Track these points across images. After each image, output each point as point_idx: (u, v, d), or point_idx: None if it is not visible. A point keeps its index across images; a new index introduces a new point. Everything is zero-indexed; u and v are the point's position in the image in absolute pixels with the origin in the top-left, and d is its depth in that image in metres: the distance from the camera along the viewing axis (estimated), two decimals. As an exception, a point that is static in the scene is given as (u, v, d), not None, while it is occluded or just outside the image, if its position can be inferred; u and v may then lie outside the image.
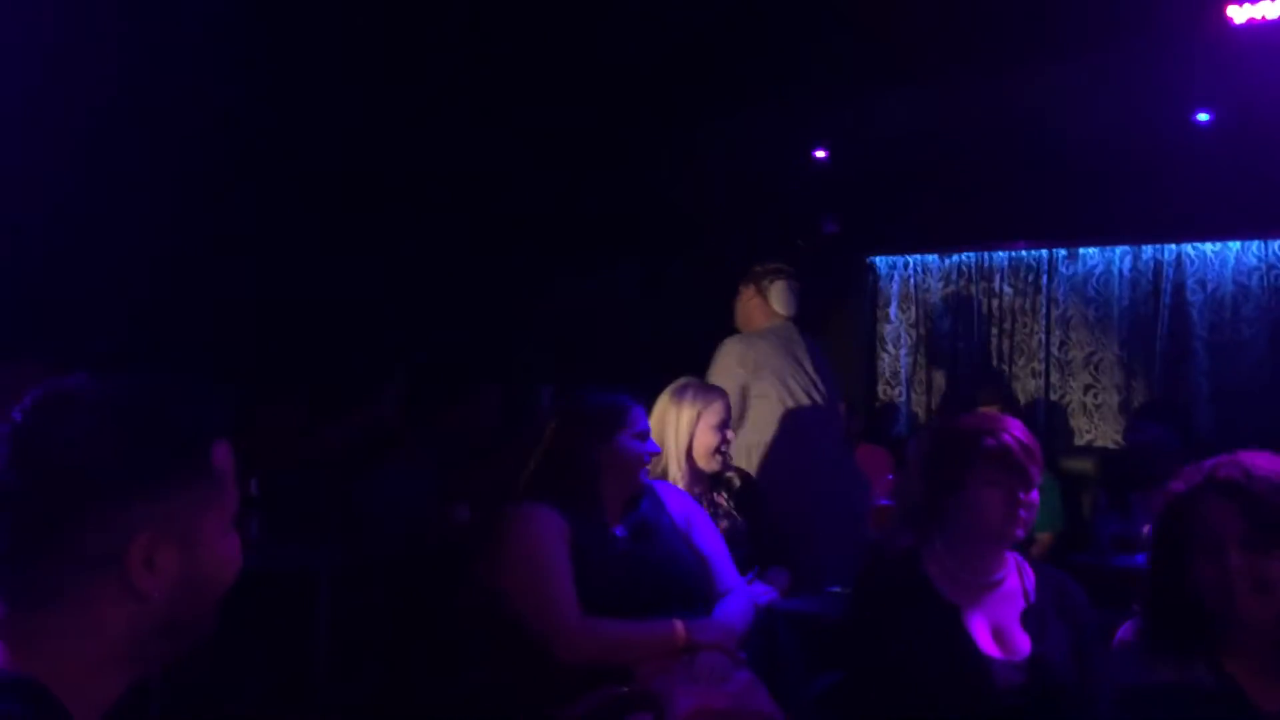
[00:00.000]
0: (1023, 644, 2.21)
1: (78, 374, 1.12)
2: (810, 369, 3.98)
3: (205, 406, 1.15)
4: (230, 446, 1.16)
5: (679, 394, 3.38)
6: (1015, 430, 2.24)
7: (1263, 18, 3.38)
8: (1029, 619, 2.23)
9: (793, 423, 3.87)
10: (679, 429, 3.29)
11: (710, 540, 2.84)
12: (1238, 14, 3.45)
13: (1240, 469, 1.86)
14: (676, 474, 3.23)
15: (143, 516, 1.06)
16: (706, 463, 3.31)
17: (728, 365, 3.94)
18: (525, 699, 2.62)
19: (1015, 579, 2.30)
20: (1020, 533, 2.24)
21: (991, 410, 3.92)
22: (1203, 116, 4.65)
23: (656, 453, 2.86)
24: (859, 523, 4.06)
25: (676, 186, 5.94)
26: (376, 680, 3.96)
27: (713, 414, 3.31)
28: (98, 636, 1.06)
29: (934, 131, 5.40)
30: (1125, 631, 2.00)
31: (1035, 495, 2.23)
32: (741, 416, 3.86)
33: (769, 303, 4.11)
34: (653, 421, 3.39)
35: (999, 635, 2.22)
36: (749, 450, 3.90)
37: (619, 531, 2.71)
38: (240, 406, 4.16)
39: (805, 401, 3.93)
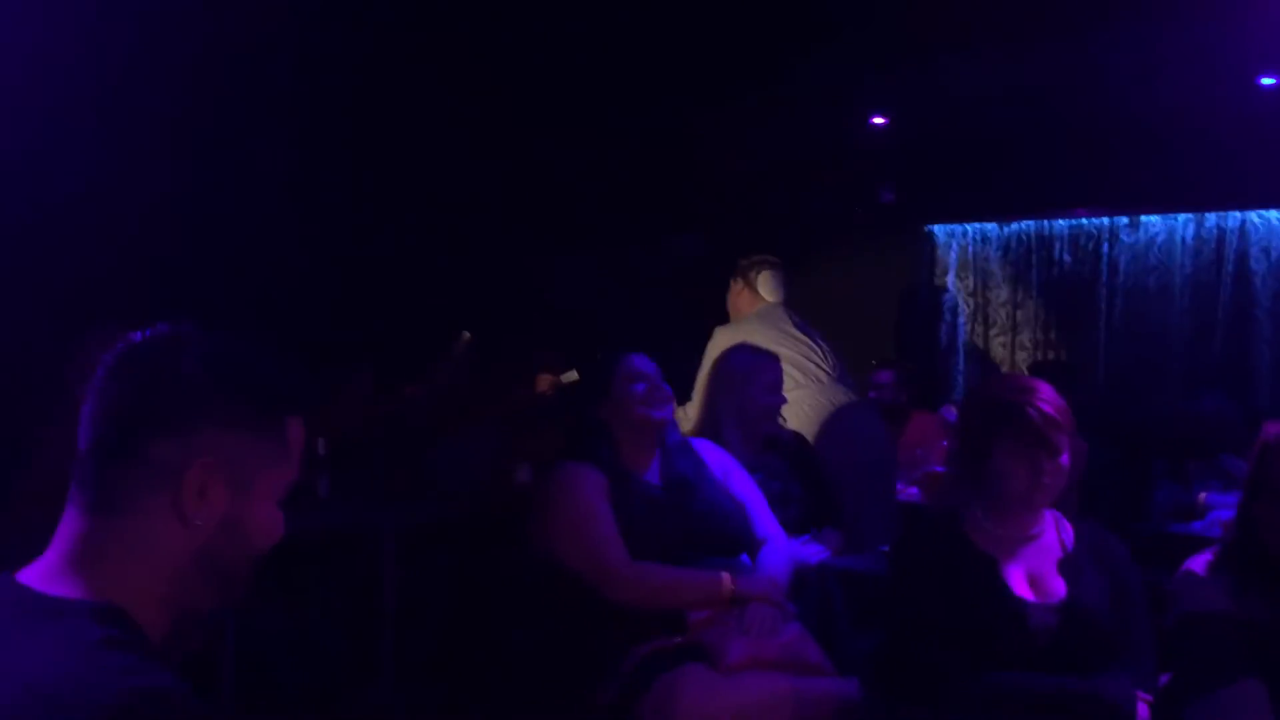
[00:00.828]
0: (1058, 589, 2.28)
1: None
2: (800, 336, 4.04)
3: (291, 380, 1.25)
4: (303, 427, 1.25)
5: (730, 356, 3.46)
6: (1040, 400, 2.28)
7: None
8: (1065, 566, 2.30)
9: (793, 388, 3.89)
10: (731, 390, 3.37)
11: (747, 490, 2.95)
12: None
13: None
14: (730, 435, 3.30)
15: (208, 444, 1.16)
16: (759, 424, 3.38)
17: (712, 356, 3.93)
18: (584, 650, 2.74)
19: (1053, 533, 2.37)
20: (1047, 499, 2.30)
21: None
22: (1267, 81, 4.60)
23: (666, 393, 2.89)
24: (887, 478, 4.11)
25: (736, 157, 5.98)
26: (442, 636, 4.11)
27: (764, 375, 3.38)
28: (148, 556, 1.15)
29: (994, 99, 5.38)
30: (1192, 563, 2.07)
31: (1064, 460, 2.28)
32: None
33: (757, 292, 4.24)
34: (706, 384, 3.49)
35: (1035, 582, 2.29)
36: None
37: (654, 481, 2.82)
38: (313, 371, 4.31)
39: (804, 365, 3.98)
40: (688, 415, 3.70)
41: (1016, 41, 4.87)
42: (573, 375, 4.73)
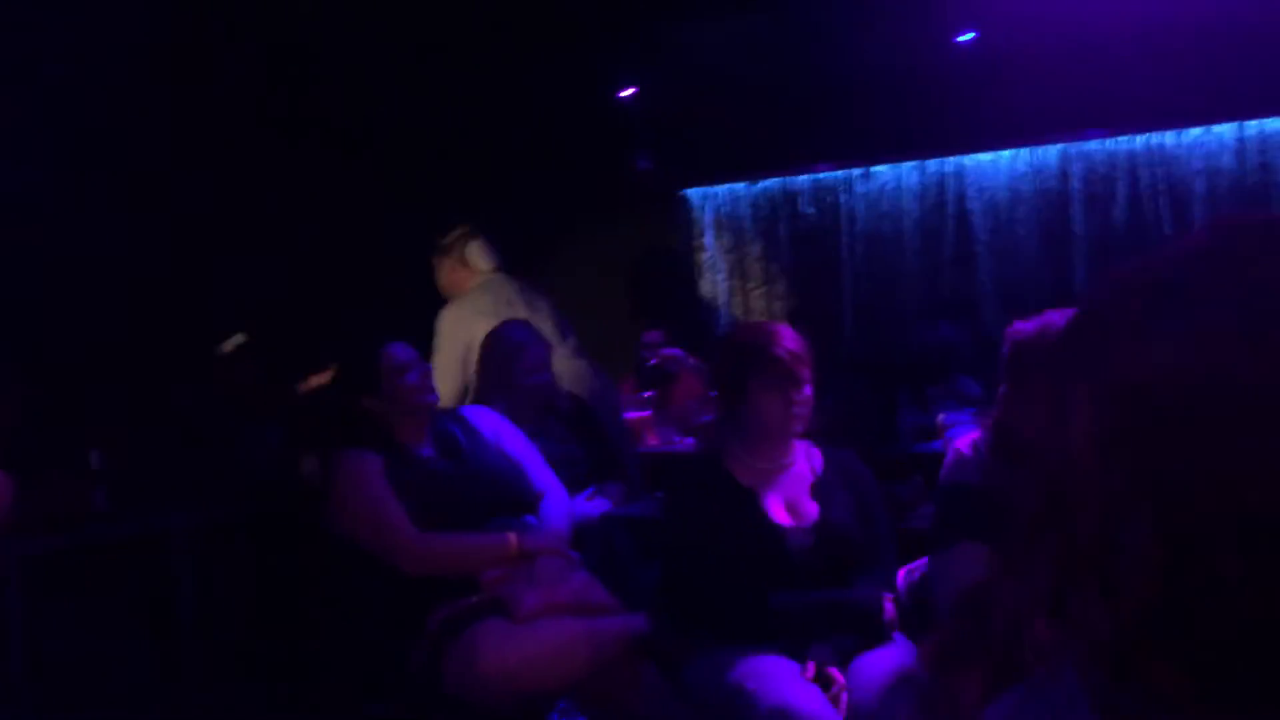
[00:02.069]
0: (812, 512, 2.57)
1: None
2: (524, 303, 4.16)
3: None
4: None
5: (493, 336, 3.63)
6: (785, 340, 2.57)
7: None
8: (816, 490, 2.60)
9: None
10: (494, 372, 3.54)
11: (520, 448, 3.13)
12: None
13: (1035, 328, 2.21)
14: (501, 406, 3.45)
15: None
16: (527, 402, 3.55)
17: (447, 336, 4.05)
18: (387, 624, 2.87)
19: (804, 462, 2.66)
20: (799, 427, 2.59)
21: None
22: (964, 37, 5.10)
23: (426, 370, 3.08)
24: (620, 430, 4.33)
25: (487, 131, 6.11)
26: (247, 632, 4.12)
27: (528, 357, 3.56)
28: None
29: (734, 67, 5.71)
30: (959, 441, 2.36)
31: (808, 392, 2.57)
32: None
33: (470, 264, 4.30)
34: (476, 361, 3.65)
35: (791, 508, 2.58)
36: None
37: (428, 454, 2.97)
38: (80, 382, 4.22)
39: None
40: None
41: (750, 12, 5.21)
42: (239, 339, 4.70)
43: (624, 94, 6.09)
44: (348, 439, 2.99)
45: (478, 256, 4.32)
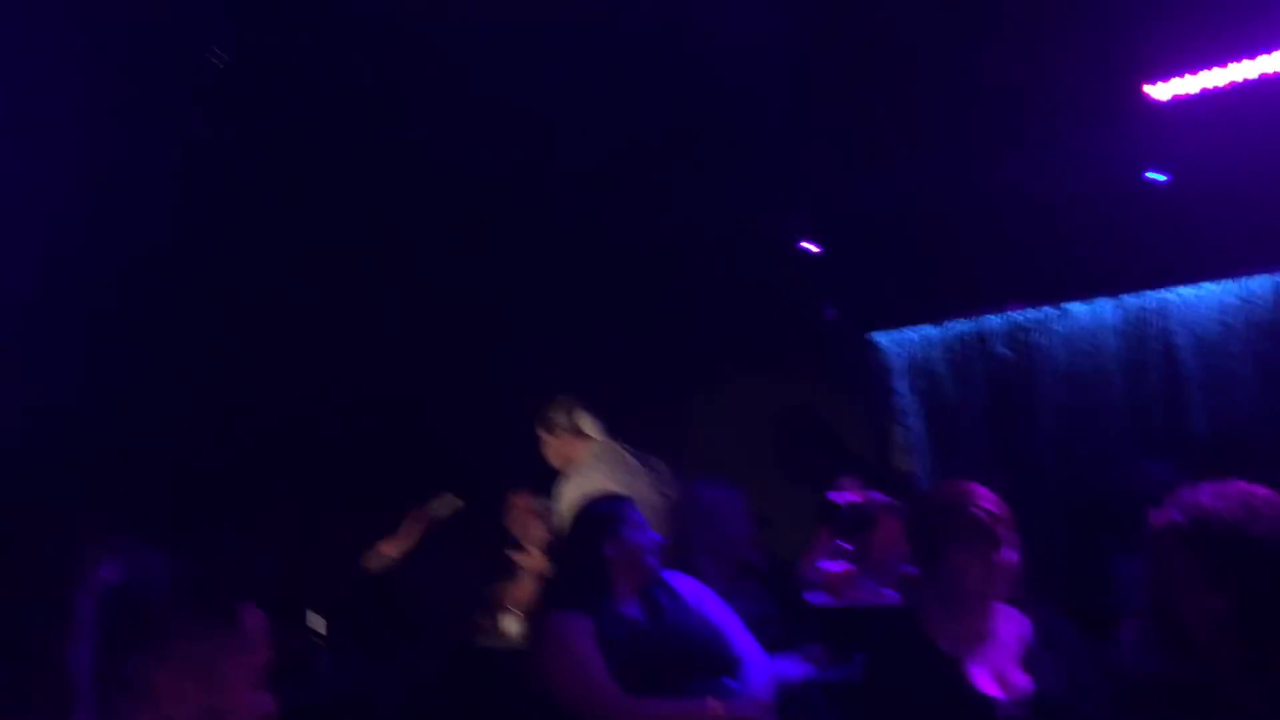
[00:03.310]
0: (1023, 684, 2.45)
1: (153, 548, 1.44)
2: (641, 466, 4.17)
3: (239, 575, 1.46)
4: (261, 613, 1.46)
5: (702, 494, 3.69)
6: (982, 500, 2.51)
7: (1185, 93, 3.78)
8: (1027, 660, 2.49)
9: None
10: (702, 525, 3.59)
11: (721, 613, 3.13)
12: (1155, 92, 3.86)
13: (1188, 513, 2.07)
14: (703, 565, 3.49)
15: (173, 652, 1.39)
16: (733, 552, 3.59)
17: (573, 504, 4.08)
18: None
19: (1009, 626, 2.56)
20: (1002, 591, 2.50)
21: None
22: (1153, 175, 5.00)
23: (658, 540, 3.14)
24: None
25: (673, 283, 6.28)
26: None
27: (733, 506, 3.61)
28: None
29: (918, 214, 5.74)
30: (1122, 635, 2.23)
31: (1008, 554, 2.50)
32: None
33: (583, 433, 4.30)
34: (677, 519, 3.71)
35: (1000, 679, 2.47)
36: None
37: (636, 615, 3.00)
38: (292, 549, 4.48)
39: (652, 496, 4.06)
40: None
41: (934, 163, 5.26)
42: (454, 503, 4.78)
43: (807, 246, 6.18)
44: (559, 596, 3.06)
45: (589, 424, 4.33)
